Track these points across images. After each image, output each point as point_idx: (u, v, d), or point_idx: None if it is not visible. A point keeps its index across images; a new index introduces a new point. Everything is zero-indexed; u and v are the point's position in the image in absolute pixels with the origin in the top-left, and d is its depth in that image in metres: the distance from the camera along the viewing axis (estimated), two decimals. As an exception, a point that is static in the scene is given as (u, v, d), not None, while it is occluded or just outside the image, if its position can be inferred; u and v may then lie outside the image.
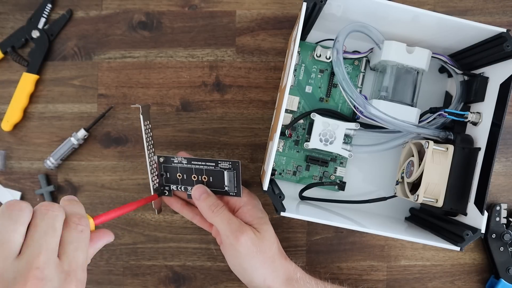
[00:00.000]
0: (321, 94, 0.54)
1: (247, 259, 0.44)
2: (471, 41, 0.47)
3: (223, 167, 0.46)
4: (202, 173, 0.47)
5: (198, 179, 0.47)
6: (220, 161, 0.46)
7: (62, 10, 0.56)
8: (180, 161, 0.47)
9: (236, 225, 0.44)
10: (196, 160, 0.47)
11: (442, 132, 0.48)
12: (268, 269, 0.45)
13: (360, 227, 0.43)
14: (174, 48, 0.56)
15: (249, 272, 0.45)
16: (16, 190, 0.56)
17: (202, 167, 0.47)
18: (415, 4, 0.51)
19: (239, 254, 0.44)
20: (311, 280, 0.46)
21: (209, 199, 0.46)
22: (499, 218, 0.53)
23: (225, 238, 0.45)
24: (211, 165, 0.46)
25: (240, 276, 0.46)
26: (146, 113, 0.47)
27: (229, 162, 0.46)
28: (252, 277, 0.45)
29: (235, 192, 0.47)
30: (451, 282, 0.56)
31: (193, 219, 0.51)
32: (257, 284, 0.45)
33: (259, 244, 0.44)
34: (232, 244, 0.44)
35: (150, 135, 0.47)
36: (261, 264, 0.44)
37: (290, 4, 0.56)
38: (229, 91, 0.56)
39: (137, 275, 0.56)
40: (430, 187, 0.46)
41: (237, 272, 0.47)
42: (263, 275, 0.45)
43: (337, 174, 0.54)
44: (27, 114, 0.56)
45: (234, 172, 0.46)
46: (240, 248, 0.44)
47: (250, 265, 0.44)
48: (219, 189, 0.47)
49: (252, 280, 0.45)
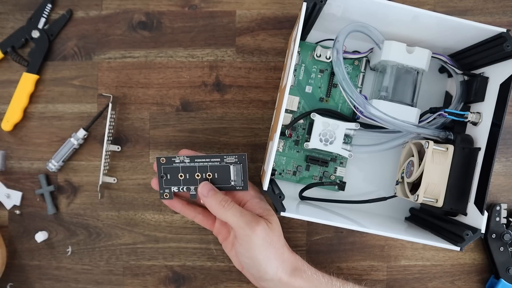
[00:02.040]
0: (321, 94, 0.54)
1: (262, 250, 0.44)
2: (471, 41, 0.47)
3: (229, 161, 0.46)
4: (206, 170, 0.47)
5: (202, 177, 0.47)
6: (226, 156, 0.46)
7: (62, 10, 0.56)
8: (182, 160, 0.47)
9: (250, 216, 0.44)
10: (200, 158, 0.46)
11: (442, 132, 0.48)
12: (279, 260, 0.45)
13: (360, 227, 0.43)
14: (174, 48, 0.56)
15: (263, 264, 0.44)
16: (16, 190, 0.56)
17: (206, 164, 0.46)
18: (415, 4, 0.51)
19: (254, 246, 0.44)
20: (318, 272, 0.47)
21: (217, 195, 0.45)
22: (499, 218, 0.53)
23: (241, 231, 0.44)
24: (216, 161, 0.46)
25: (254, 269, 0.45)
26: (114, 104, 0.55)
27: (235, 156, 0.46)
28: (266, 269, 0.44)
29: (242, 185, 0.47)
30: (451, 282, 0.56)
31: (195, 219, 0.51)
32: (270, 276, 0.44)
33: (271, 235, 0.44)
34: (248, 235, 0.43)
35: (112, 125, 0.54)
36: (274, 255, 0.44)
37: (290, 4, 0.56)
38: (229, 91, 0.56)
39: (137, 275, 0.56)
40: (430, 187, 0.46)
41: (251, 266, 0.46)
42: (276, 267, 0.44)
43: (337, 174, 0.54)
44: (27, 114, 0.56)
45: (241, 165, 0.46)
46: (256, 239, 0.43)
47: (264, 256, 0.44)
48: (225, 185, 0.47)
49: (266, 272, 0.44)
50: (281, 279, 0.45)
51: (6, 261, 0.56)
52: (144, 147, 0.56)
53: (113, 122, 0.55)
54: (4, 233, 0.56)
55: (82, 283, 0.56)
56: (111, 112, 0.54)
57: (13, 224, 0.56)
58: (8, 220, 0.56)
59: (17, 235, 0.56)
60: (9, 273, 0.56)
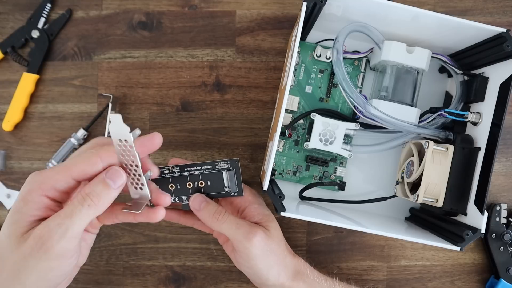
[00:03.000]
0: (321, 94, 0.54)
1: (262, 260, 0.43)
2: (471, 41, 0.47)
3: (221, 167, 0.43)
4: (198, 178, 0.44)
5: (194, 186, 0.44)
6: (217, 162, 0.43)
7: (61, 10, 0.56)
8: (171, 170, 0.43)
9: (246, 227, 0.43)
10: (191, 166, 0.44)
11: (442, 132, 0.48)
12: (280, 265, 0.44)
13: (360, 227, 0.43)
14: (174, 48, 0.56)
15: (264, 272, 0.44)
16: (16, 190, 0.56)
17: (197, 173, 0.44)
18: (415, 4, 0.51)
19: (254, 256, 0.43)
20: (320, 276, 0.47)
21: (210, 207, 0.43)
22: (499, 218, 0.53)
23: (238, 243, 0.43)
24: (207, 168, 0.43)
25: (255, 277, 0.45)
26: (114, 104, 0.54)
27: (227, 162, 0.43)
28: (267, 276, 0.44)
29: (237, 191, 0.45)
30: (451, 282, 0.56)
31: (194, 225, 0.49)
32: (272, 282, 0.44)
33: (270, 243, 0.44)
34: (246, 247, 0.42)
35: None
36: (275, 262, 0.44)
37: (290, 4, 0.56)
38: (229, 91, 0.56)
39: (137, 275, 0.56)
40: (430, 187, 0.46)
41: (251, 274, 0.45)
42: (278, 273, 0.44)
43: (337, 174, 0.54)
44: (27, 114, 0.56)
45: (234, 170, 0.44)
46: (254, 250, 0.42)
47: (265, 264, 0.44)
48: (219, 192, 0.45)
49: (268, 279, 0.44)
50: (283, 284, 0.44)
51: (6, 261, 0.56)
52: (144, 147, 0.56)
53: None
54: (4, 233, 0.56)
55: (82, 283, 0.56)
56: (111, 112, 0.54)
57: (13, 224, 0.56)
58: (8, 220, 0.56)
59: (17, 235, 0.56)
60: (9, 273, 0.56)
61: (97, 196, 0.35)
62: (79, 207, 0.34)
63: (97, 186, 0.35)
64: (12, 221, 0.35)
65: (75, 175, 0.35)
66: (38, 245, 0.33)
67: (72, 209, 0.34)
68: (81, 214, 0.34)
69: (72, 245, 0.35)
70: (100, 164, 0.36)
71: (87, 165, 0.35)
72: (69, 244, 0.34)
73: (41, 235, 0.34)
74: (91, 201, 0.34)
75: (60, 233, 0.34)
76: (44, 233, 0.33)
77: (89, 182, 0.35)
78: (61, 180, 0.35)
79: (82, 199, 0.34)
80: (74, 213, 0.34)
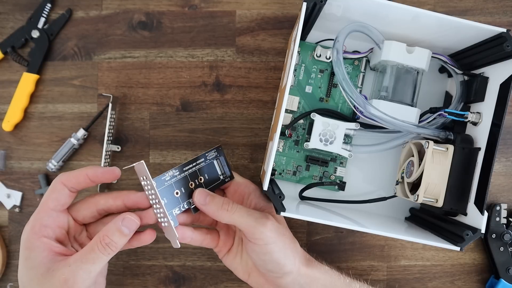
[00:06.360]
0: (321, 94, 0.54)
1: (277, 243, 0.43)
2: (471, 41, 0.47)
3: (211, 157, 0.47)
4: (196, 175, 0.45)
5: (195, 184, 0.45)
6: (207, 153, 0.46)
7: (61, 10, 0.56)
8: (172, 174, 0.43)
9: (257, 213, 0.43)
10: (187, 165, 0.44)
11: (442, 132, 0.48)
12: (293, 251, 0.45)
13: (360, 227, 0.43)
14: (174, 48, 0.56)
15: (282, 257, 0.43)
16: (16, 190, 0.56)
17: (195, 169, 0.45)
18: (415, 4, 0.51)
19: (270, 240, 0.42)
20: (322, 262, 0.48)
21: (216, 199, 0.43)
22: (499, 218, 0.53)
23: (252, 229, 0.42)
24: (201, 161, 0.46)
25: (272, 264, 0.44)
26: (114, 104, 0.54)
27: (213, 150, 0.47)
28: (285, 261, 0.43)
29: (229, 176, 0.48)
30: (451, 282, 0.56)
31: (204, 242, 0.47)
32: (290, 268, 0.44)
33: (281, 226, 0.45)
34: (261, 232, 0.42)
35: (112, 125, 0.54)
36: (289, 245, 0.44)
37: (290, 4, 0.56)
38: (229, 91, 0.56)
39: (137, 275, 0.56)
40: (430, 187, 0.46)
41: (267, 263, 0.44)
42: (293, 257, 0.44)
43: (337, 174, 0.54)
44: (27, 114, 0.56)
45: (221, 157, 0.47)
46: (270, 234, 0.42)
47: (281, 248, 0.43)
48: (217, 183, 0.47)
49: (285, 264, 0.43)
50: (300, 270, 0.44)
51: (6, 261, 0.56)
52: (144, 147, 0.56)
53: (113, 122, 0.55)
54: (4, 233, 0.56)
55: (82, 283, 0.56)
56: (111, 112, 0.54)
57: (13, 224, 0.56)
58: (8, 220, 0.56)
59: (17, 235, 0.56)
60: (9, 273, 0.56)
61: (115, 245, 0.40)
62: (100, 255, 0.40)
63: (114, 236, 0.40)
64: (28, 266, 0.40)
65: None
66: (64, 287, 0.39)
67: (94, 257, 0.40)
68: (102, 260, 0.40)
69: (92, 282, 0.41)
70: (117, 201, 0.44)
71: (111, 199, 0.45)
72: (91, 283, 0.40)
73: (66, 279, 0.39)
74: (110, 249, 0.40)
75: (84, 277, 0.39)
76: (69, 278, 0.39)
77: (107, 229, 0.41)
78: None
79: (103, 248, 0.40)
80: (97, 259, 0.40)
